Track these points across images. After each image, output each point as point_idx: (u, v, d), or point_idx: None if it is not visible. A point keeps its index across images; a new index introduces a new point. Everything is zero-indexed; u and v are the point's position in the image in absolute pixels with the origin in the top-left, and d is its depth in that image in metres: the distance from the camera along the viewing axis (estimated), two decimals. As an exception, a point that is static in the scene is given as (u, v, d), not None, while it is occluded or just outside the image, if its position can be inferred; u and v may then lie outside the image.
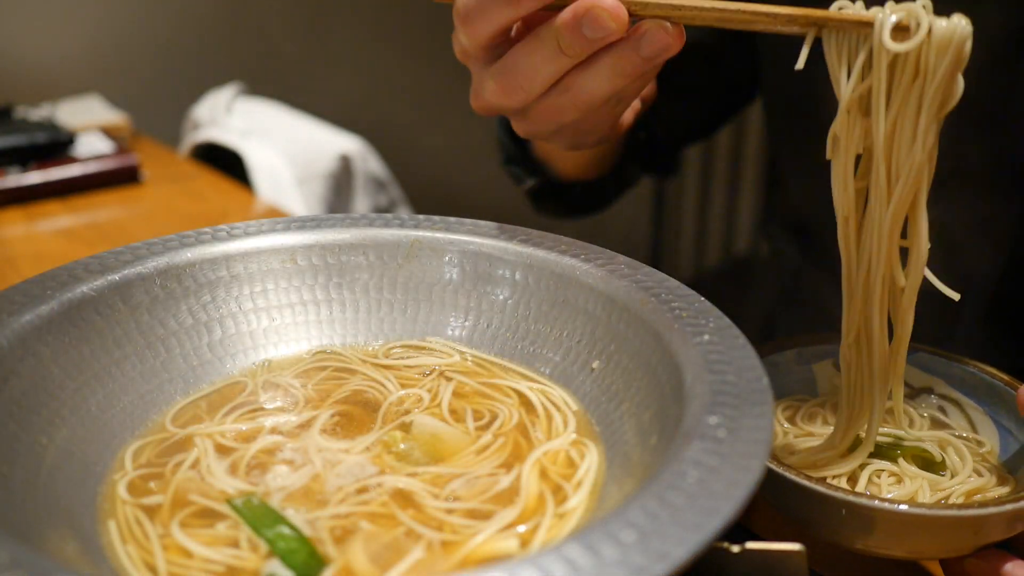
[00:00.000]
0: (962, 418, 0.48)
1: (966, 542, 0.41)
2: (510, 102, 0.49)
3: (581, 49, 0.45)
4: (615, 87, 0.47)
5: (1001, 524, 0.40)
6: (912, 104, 0.38)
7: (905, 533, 0.40)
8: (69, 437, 0.39)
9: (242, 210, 1.04)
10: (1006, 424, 0.46)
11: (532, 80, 0.47)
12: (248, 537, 0.36)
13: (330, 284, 0.51)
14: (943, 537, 0.40)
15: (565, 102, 0.49)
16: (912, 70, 0.38)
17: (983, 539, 0.41)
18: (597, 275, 0.46)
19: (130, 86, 1.44)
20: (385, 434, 0.43)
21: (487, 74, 0.50)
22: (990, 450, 0.46)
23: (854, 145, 0.40)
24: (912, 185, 0.39)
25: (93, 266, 0.45)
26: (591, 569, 0.26)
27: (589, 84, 0.47)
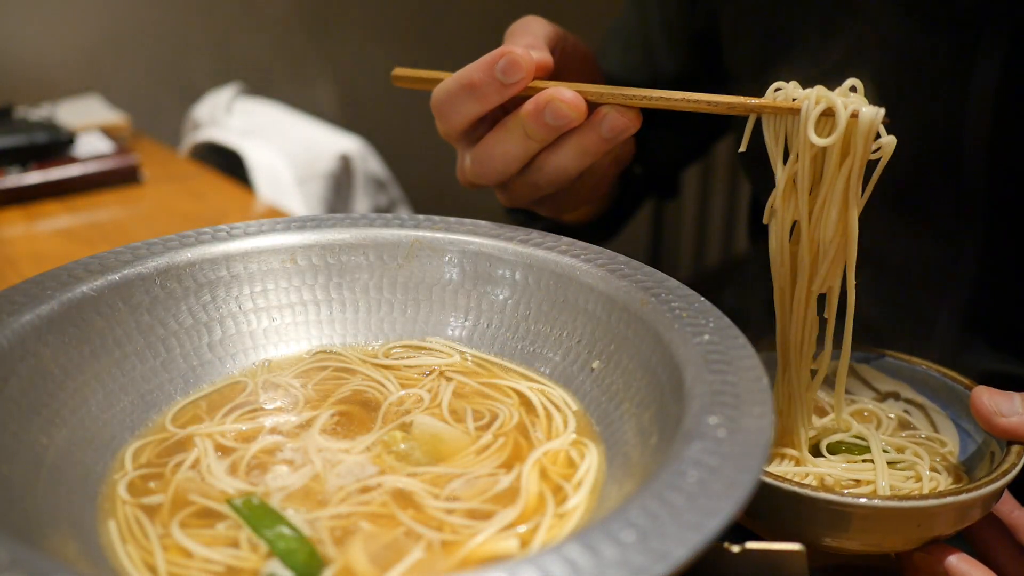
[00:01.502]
0: (925, 420, 0.49)
1: (912, 534, 0.41)
2: (488, 181, 0.54)
3: (546, 135, 0.50)
4: (582, 164, 0.52)
5: (946, 517, 0.41)
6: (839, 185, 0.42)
7: (850, 524, 0.41)
8: (69, 437, 0.39)
9: (242, 210, 1.04)
10: (965, 426, 0.47)
11: (505, 163, 0.52)
12: (248, 537, 0.36)
13: (330, 284, 0.51)
14: (887, 529, 0.41)
15: (539, 179, 0.53)
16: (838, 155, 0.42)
17: (929, 532, 0.41)
18: (597, 275, 0.46)
19: (130, 86, 1.44)
20: (385, 434, 0.43)
21: (467, 154, 0.55)
22: (950, 450, 0.47)
23: (789, 215, 0.44)
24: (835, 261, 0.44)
25: (93, 266, 0.45)
26: (591, 569, 0.26)
27: (558, 163, 0.52)
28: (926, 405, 0.49)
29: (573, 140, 0.51)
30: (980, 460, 0.45)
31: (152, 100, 1.46)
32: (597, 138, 0.50)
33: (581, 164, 0.52)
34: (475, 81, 0.51)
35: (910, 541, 0.42)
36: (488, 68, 0.50)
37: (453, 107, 0.52)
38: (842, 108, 0.41)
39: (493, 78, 0.50)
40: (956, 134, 0.57)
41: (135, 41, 1.45)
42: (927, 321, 0.62)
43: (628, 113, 0.50)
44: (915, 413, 0.49)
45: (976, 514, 0.42)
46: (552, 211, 0.60)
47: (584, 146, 0.51)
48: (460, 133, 0.54)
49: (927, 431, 0.48)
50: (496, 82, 0.50)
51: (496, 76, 0.50)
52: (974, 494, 0.40)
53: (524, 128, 0.51)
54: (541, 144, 0.51)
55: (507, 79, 0.50)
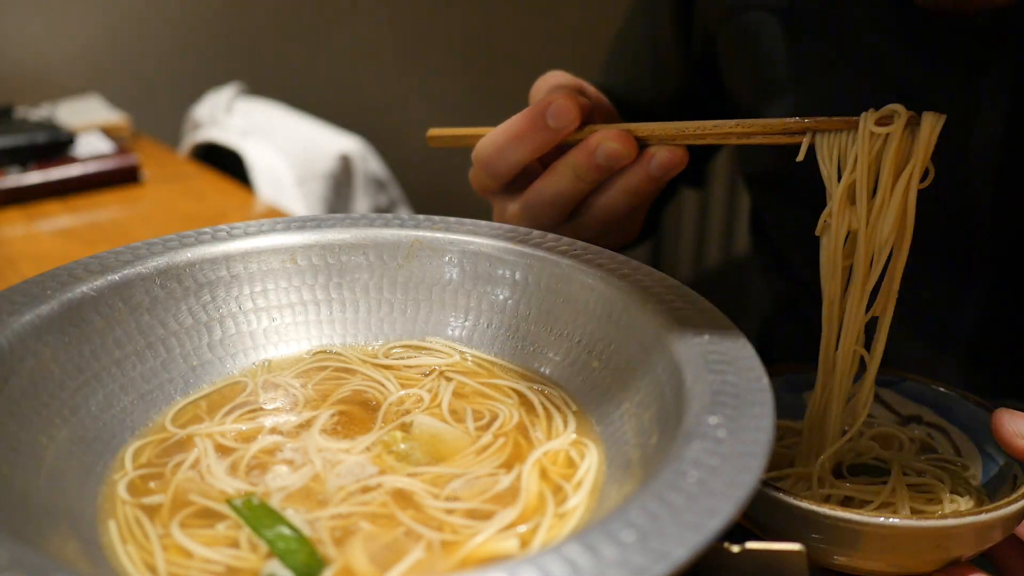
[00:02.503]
0: (947, 444, 0.49)
1: (931, 555, 0.41)
2: (537, 226, 0.55)
3: (597, 176, 0.52)
4: (632, 204, 0.53)
5: (965, 538, 0.40)
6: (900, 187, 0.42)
7: (870, 545, 0.40)
8: (69, 437, 0.39)
9: (242, 210, 1.04)
10: (988, 450, 0.47)
11: (556, 207, 0.53)
12: (248, 537, 0.36)
13: (330, 284, 0.51)
14: (907, 549, 0.41)
15: (588, 221, 0.55)
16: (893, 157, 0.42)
17: (948, 553, 0.41)
18: (597, 275, 0.46)
19: (130, 86, 1.44)
20: (385, 434, 0.43)
21: (509, 204, 0.56)
22: (973, 474, 0.47)
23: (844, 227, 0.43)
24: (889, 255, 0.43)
25: (93, 266, 0.45)
26: (591, 569, 0.26)
27: (607, 204, 0.53)
28: (948, 429, 0.49)
29: (622, 180, 0.52)
30: (1002, 483, 0.45)
31: (152, 100, 1.46)
32: (647, 176, 0.51)
33: (631, 203, 0.53)
34: (524, 130, 0.52)
35: (930, 562, 0.41)
36: (538, 117, 0.52)
37: (501, 157, 0.53)
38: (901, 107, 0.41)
39: (543, 125, 0.52)
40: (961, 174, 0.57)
41: (135, 41, 1.45)
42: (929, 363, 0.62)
43: (677, 150, 0.50)
44: (937, 437, 0.49)
45: (997, 535, 0.41)
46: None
47: (634, 185, 0.52)
48: (504, 184, 0.55)
49: (949, 454, 0.48)
50: (546, 129, 0.52)
51: (547, 123, 0.51)
52: (993, 515, 0.40)
53: (575, 171, 0.52)
54: (591, 186, 0.53)
55: (557, 124, 0.51)
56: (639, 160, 0.52)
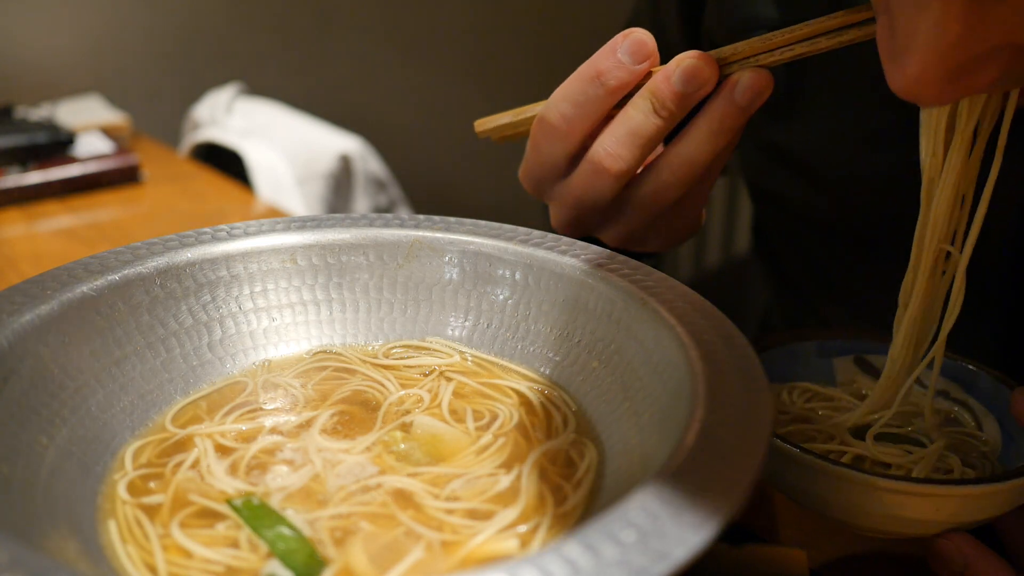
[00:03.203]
0: (971, 419, 0.49)
1: (930, 518, 0.41)
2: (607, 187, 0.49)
3: (676, 106, 0.46)
4: (716, 148, 0.47)
5: (966, 505, 0.41)
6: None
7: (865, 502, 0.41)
8: (69, 437, 0.39)
9: (242, 210, 1.04)
10: (1010, 428, 0.47)
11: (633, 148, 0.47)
12: (248, 537, 0.36)
13: (330, 284, 0.51)
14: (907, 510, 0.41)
15: (667, 179, 0.48)
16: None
17: (948, 517, 0.41)
18: (597, 275, 0.46)
19: (130, 86, 1.44)
20: (385, 434, 0.43)
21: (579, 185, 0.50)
22: (992, 449, 0.47)
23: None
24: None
25: (93, 266, 0.45)
26: (591, 569, 0.26)
27: (689, 151, 0.47)
28: (973, 405, 0.49)
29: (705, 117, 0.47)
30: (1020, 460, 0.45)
31: (152, 100, 1.46)
32: (733, 109, 0.46)
33: (714, 147, 0.47)
34: (600, 69, 0.46)
35: (931, 526, 0.42)
36: (612, 52, 0.46)
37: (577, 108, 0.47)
38: None
39: (619, 62, 0.46)
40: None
41: (135, 41, 1.45)
42: None
43: (761, 71, 0.45)
44: (962, 412, 0.49)
45: (1000, 507, 0.42)
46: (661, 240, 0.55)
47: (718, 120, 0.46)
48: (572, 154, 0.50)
49: (973, 431, 0.48)
50: (623, 66, 0.46)
51: (622, 59, 0.46)
52: (994, 485, 0.40)
53: (651, 101, 0.46)
54: (670, 123, 0.47)
55: (634, 61, 0.46)
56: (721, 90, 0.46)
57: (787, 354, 0.51)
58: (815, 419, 0.48)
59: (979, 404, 0.48)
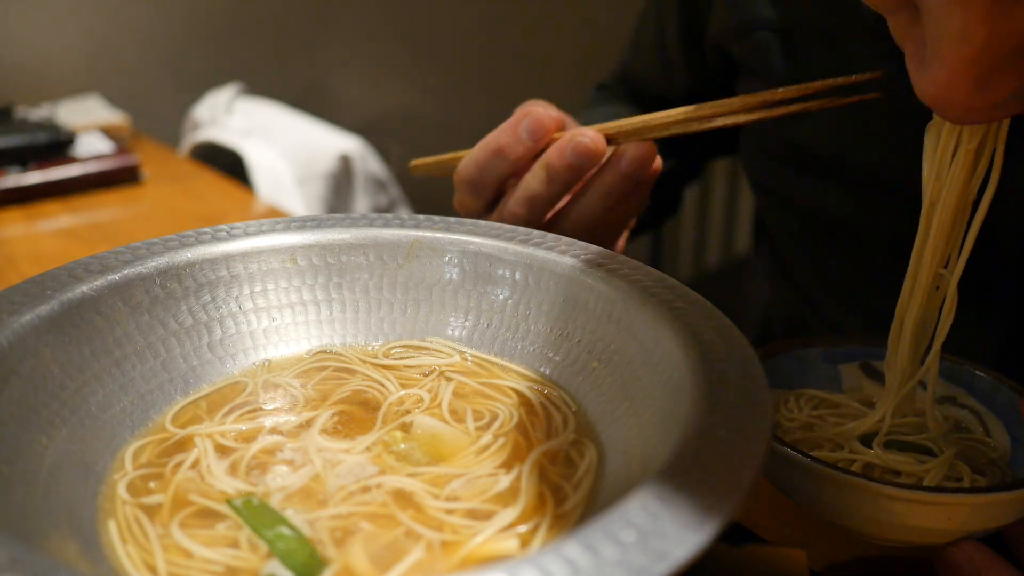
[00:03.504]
0: (979, 426, 0.49)
1: (941, 526, 0.41)
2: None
3: (569, 176, 0.52)
4: (606, 206, 0.53)
5: (976, 514, 0.40)
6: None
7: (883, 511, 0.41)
8: (69, 437, 0.39)
9: (242, 210, 1.04)
10: (1018, 434, 0.47)
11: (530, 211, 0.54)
12: (248, 537, 0.36)
13: (330, 284, 0.51)
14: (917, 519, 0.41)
15: (566, 228, 0.55)
16: None
17: (959, 526, 0.41)
18: (597, 275, 0.46)
19: (130, 86, 1.44)
20: (385, 434, 0.43)
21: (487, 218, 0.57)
22: (1001, 456, 0.47)
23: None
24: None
25: (93, 266, 0.45)
26: (591, 569, 0.26)
27: (583, 209, 0.54)
28: (981, 411, 0.49)
29: (596, 182, 0.53)
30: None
31: (152, 100, 1.46)
32: (619, 175, 0.52)
33: (607, 206, 0.53)
34: (502, 144, 0.53)
35: (942, 535, 0.42)
36: (513, 130, 0.53)
37: (482, 173, 0.55)
38: None
39: (519, 138, 0.53)
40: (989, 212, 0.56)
41: (135, 41, 1.45)
42: None
43: (644, 144, 0.51)
44: (970, 419, 0.49)
45: (1009, 515, 0.41)
46: None
47: (607, 185, 0.52)
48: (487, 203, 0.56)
49: (980, 435, 0.48)
50: (522, 142, 0.53)
51: (521, 136, 0.53)
52: (1006, 493, 0.40)
53: (547, 171, 0.52)
54: (564, 188, 0.53)
55: (532, 138, 0.53)
56: (610, 160, 0.52)
57: (793, 361, 0.51)
58: (823, 427, 0.48)
59: (987, 409, 0.48)
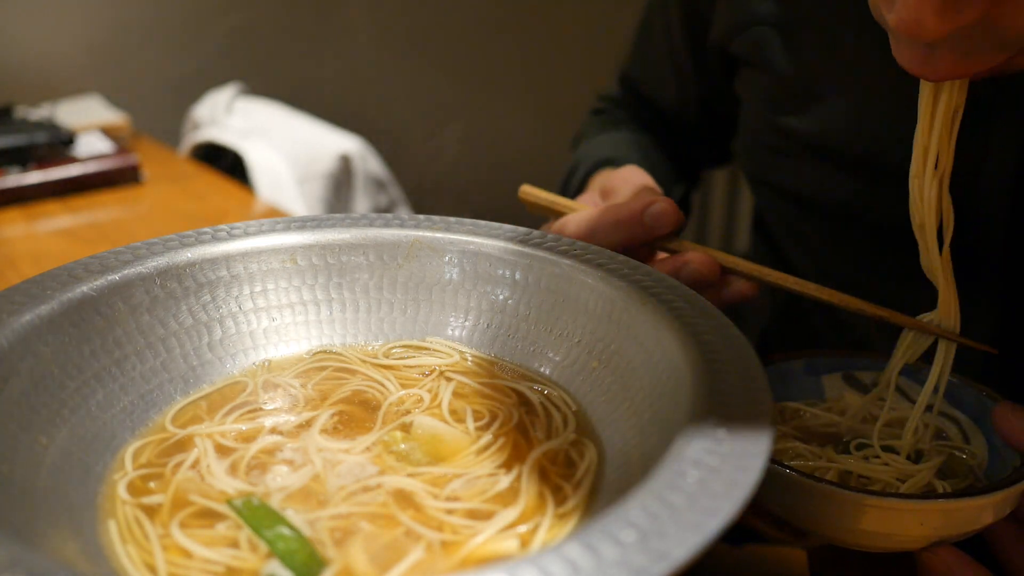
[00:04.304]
0: (958, 433, 0.49)
1: (916, 532, 0.41)
2: None
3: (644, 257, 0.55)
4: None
5: (950, 518, 0.41)
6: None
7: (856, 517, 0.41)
8: (69, 437, 0.39)
9: (242, 210, 1.04)
10: (996, 442, 0.47)
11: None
12: (248, 538, 0.36)
13: (330, 284, 0.51)
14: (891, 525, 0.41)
15: None
16: None
17: (934, 531, 0.41)
18: (597, 275, 0.46)
19: (130, 86, 1.44)
20: (385, 434, 0.43)
21: None
22: (979, 463, 0.47)
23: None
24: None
25: (93, 266, 0.45)
26: (591, 569, 0.26)
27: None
28: (960, 419, 0.49)
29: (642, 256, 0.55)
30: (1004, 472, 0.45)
31: (152, 100, 1.46)
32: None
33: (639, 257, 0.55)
34: (622, 219, 0.54)
35: (917, 541, 0.42)
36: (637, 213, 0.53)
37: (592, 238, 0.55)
38: None
39: (640, 222, 0.53)
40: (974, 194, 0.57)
41: (135, 41, 1.45)
42: None
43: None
44: (949, 426, 0.49)
45: (985, 518, 0.42)
46: None
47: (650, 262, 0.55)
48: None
49: (958, 442, 0.48)
50: (642, 226, 0.53)
51: (644, 221, 0.53)
52: (978, 498, 0.40)
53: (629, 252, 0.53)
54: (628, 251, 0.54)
55: (654, 224, 0.53)
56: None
57: (776, 374, 0.51)
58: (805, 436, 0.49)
59: (966, 418, 0.49)
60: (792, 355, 0.52)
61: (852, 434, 0.49)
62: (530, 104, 1.86)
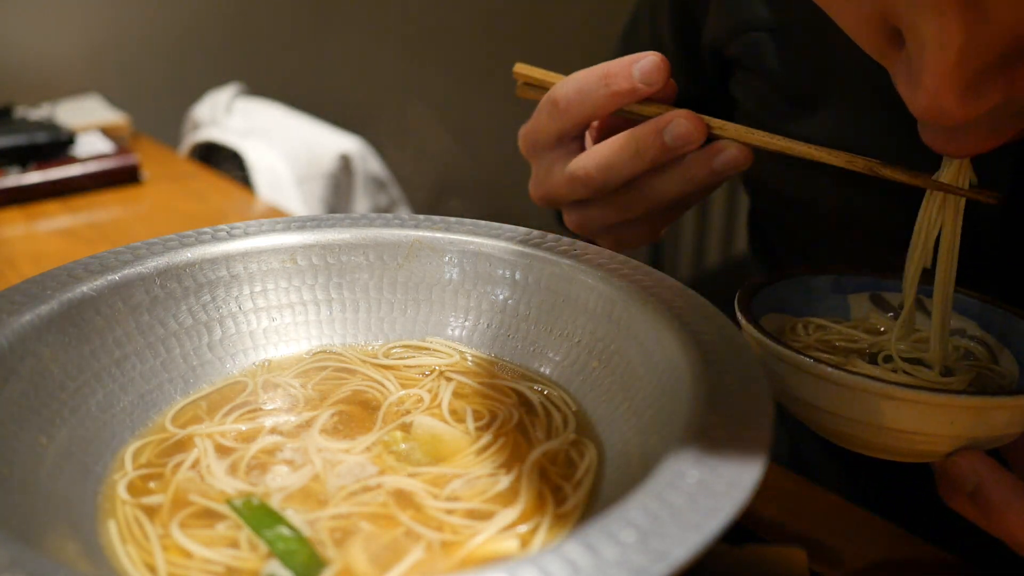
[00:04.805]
0: (988, 356, 0.47)
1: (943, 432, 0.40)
2: (577, 194, 0.53)
3: (659, 155, 0.49)
4: (682, 191, 0.51)
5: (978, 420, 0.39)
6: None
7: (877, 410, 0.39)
8: (69, 437, 0.39)
9: (242, 210, 1.04)
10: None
11: (607, 178, 0.51)
12: (248, 537, 0.36)
13: (330, 284, 0.51)
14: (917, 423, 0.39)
15: (633, 198, 0.53)
16: None
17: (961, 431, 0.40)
18: (597, 275, 0.46)
19: (130, 86, 1.44)
20: (385, 434, 0.43)
21: (558, 166, 0.54)
22: (1010, 383, 0.45)
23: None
24: None
25: (93, 266, 0.45)
26: (591, 569, 0.26)
27: (659, 186, 0.51)
28: (990, 342, 0.47)
29: (682, 167, 0.50)
30: None
31: (152, 100, 1.46)
32: (707, 169, 0.50)
33: (681, 191, 0.51)
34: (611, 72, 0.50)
35: (943, 442, 0.40)
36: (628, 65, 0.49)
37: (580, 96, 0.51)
38: None
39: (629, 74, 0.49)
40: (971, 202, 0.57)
41: (135, 41, 1.45)
42: None
43: (745, 149, 0.49)
44: (979, 349, 0.48)
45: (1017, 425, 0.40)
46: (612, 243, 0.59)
47: (691, 174, 0.50)
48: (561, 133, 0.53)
49: (987, 363, 0.47)
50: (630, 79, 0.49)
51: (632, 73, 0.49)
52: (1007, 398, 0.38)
53: (637, 146, 0.49)
54: (651, 165, 0.50)
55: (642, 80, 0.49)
56: (706, 150, 0.50)
57: (801, 287, 0.49)
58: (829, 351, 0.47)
59: (994, 340, 0.47)
60: (819, 270, 0.50)
61: (880, 348, 0.47)
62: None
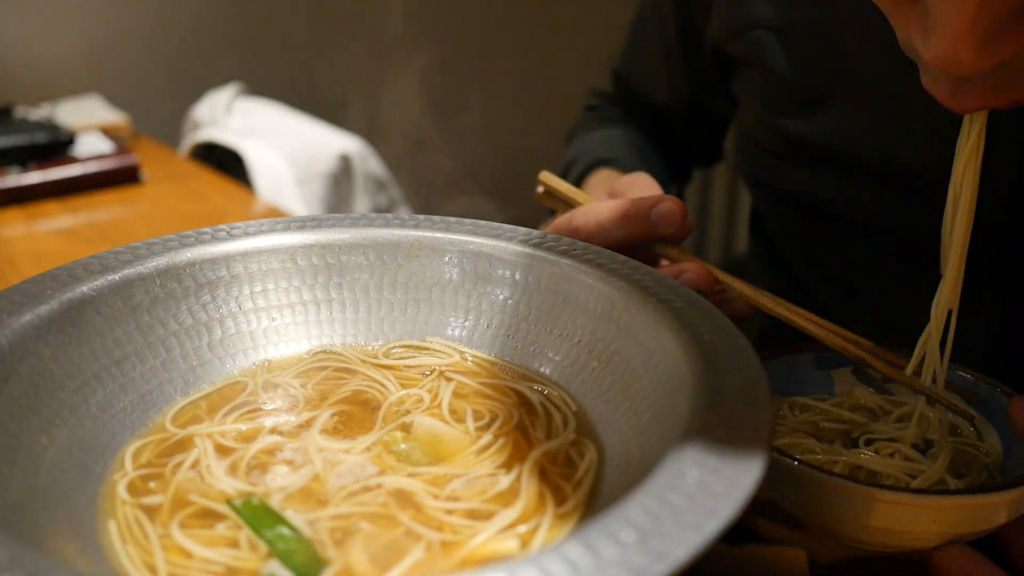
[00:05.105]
0: (972, 431, 0.48)
1: (928, 529, 0.40)
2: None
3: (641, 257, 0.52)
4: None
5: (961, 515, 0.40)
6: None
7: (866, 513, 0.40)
8: (69, 437, 0.39)
9: (242, 210, 1.04)
10: (1009, 439, 0.46)
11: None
12: (248, 538, 0.36)
13: (330, 284, 0.51)
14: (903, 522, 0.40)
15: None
16: None
17: (946, 528, 0.40)
18: (597, 275, 0.46)
19: (130, 86, 1.44)
20: (385, 434, 0.43)
21: None
22: (994, 461, 0.46)
23: None
24: None
25: (93, 266, 0.45)
26: (591, 569, 0.26)
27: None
28: (975, 416, 0.48)
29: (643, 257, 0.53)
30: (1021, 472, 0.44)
31: (152, 100, 1.46)
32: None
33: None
34: (629, 215, 0.53)
35: (930, 538, 0.41)
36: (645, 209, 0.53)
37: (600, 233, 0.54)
38: None
39: (647, 218, 0.52)
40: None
41: (135, 41, 1.45)
42: None
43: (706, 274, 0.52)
44: (963, 423, 0.49)
45: (999, 518, 0.41)
46: None
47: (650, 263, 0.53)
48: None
49: (972, 440, 0.48)
50: (649, 223, 0.52)
51: (651, 218, 0.52)
52: (992, 495, 0.39)
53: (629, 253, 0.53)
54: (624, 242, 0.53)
55: (661, 223, 0.52)
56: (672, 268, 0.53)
57: (785, 365, 0.51)
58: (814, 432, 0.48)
59: (979, 415, 0.48)
60: (801, 347, 0.51)
61: (862, 430, 0.48)
62: (530, 104, 1.86)
